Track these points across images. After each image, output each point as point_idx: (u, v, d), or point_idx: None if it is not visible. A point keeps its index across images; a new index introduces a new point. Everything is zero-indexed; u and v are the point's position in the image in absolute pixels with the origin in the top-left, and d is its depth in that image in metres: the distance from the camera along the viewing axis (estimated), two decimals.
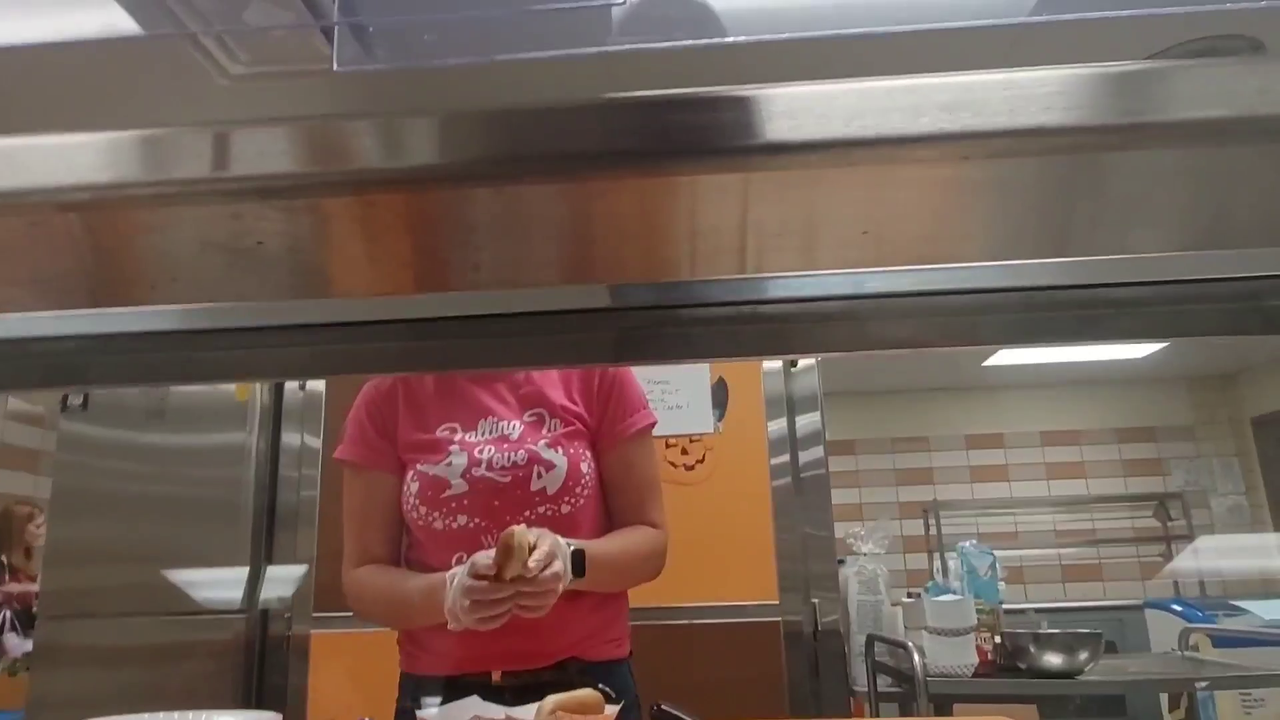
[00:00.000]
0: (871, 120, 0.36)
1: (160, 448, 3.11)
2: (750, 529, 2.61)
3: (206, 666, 2.92)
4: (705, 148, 0.36)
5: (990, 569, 2.99)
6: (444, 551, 1.39)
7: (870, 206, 0.46)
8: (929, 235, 0.51)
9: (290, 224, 0.48)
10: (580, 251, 0.47)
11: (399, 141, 0.43)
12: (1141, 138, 0.38)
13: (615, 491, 1.48)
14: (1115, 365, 6.01)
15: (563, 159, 0.37)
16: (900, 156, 0.37)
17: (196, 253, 0.51)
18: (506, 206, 0.41)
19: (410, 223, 0.48)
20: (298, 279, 0.54)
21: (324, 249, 0.48)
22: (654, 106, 0.36)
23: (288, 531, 3.02)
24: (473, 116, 0.38)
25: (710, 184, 0.39)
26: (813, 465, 2.70)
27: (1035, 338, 0.70)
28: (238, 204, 0.44)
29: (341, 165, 0.43)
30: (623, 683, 1.44)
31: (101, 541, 3.06)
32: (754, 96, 0.35)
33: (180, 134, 0.41)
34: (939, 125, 0.36)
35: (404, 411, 1.46)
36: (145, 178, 0.43)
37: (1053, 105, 0.36)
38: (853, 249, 0.47)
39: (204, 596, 2.99)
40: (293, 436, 3.08)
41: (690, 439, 2.66)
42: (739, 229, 0.44)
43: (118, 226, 0.48)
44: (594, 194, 0.39)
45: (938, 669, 2.35)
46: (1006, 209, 0.47)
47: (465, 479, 1.38)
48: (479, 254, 0.47)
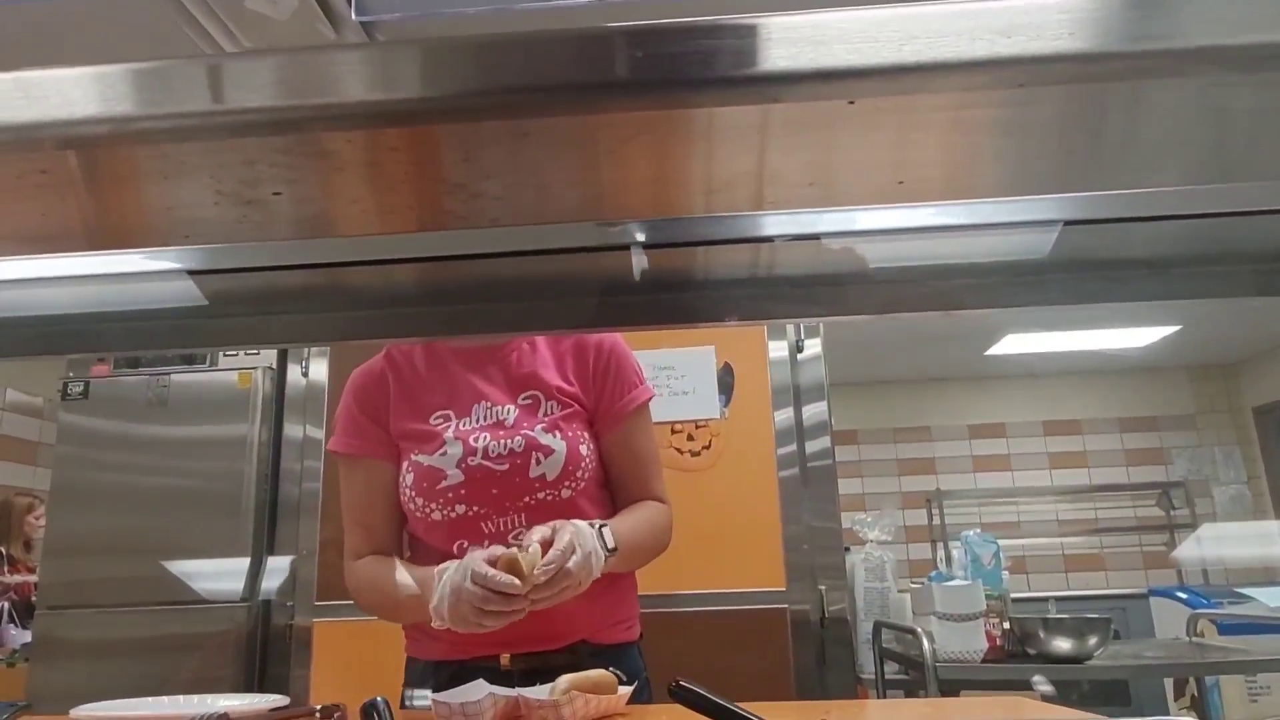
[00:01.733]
0: (924, 44, 0.34)
1: (161, 439, 3.09)
2: (757, 516, 2.60)
3: (209, 657, 2.90)
4: (758, 75, 0.34)
5: (994, 558, 2.97)
6: (444, 540, 1.37)
7: (904, 140, 0.44)
8: (964, 164, 0.49)
9: (299, 163, 0.45)
10: (623, 183, 0.45)
11: (399, 73, 0.40)
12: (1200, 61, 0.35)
13: (618, 469, 1.46)
14: (1117, 355, 6.00)
15: (600, 88, 0.35)
16: (953, 83, 0.35)
17: (210, 199, 0.49)
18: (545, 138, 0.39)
19: (414, 158, 0.46)
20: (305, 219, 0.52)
21: (331, 186, 0.46)
22: (699, 32, 0.34)
23: (289, 522, 3.00)
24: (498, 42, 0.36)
25: (763, 113, 0.36)
26: (819, 455, 2.69)
27: (1051, 301, 0.68)
28: (244, 137, 0.41)
29: (342, 97, 0.41)
30: (633, 665, 1.42)
31: (101, 533, 3.05)
32: (808, 22, 0.33)
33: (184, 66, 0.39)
34: (995, 50, 0.34)
35: (395, 397, 1.43)
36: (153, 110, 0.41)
37: (1114, 28, 0.34)
38: (888, 190, 0.45)
39: (206, 587, 2.98)
40: (295, 428, 3.06)
41: (696, 424, 2.65)
42: (803, 179, 0.42)
43: (131, 162, 0.46)
44: (645, 124, 0.37)
45: (947, 654, 2.34)
46: (1044, 139, 0.45)
47: (461, 469, 1.35)
48: (491, 186, 0.44)
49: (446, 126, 0.38)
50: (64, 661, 3.00)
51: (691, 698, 0.90)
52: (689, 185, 0.44)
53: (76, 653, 2.99)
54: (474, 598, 1.13)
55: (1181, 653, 2.88)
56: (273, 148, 0.41)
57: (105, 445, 3.12)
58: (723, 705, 0.89)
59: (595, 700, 1.14)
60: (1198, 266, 0.64)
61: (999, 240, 0.62)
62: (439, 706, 1.11)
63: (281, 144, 0.43)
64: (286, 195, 0.47)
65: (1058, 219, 0.51)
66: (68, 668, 2.99)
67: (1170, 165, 0.40)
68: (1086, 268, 0.65)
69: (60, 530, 3.11)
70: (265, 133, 0.40)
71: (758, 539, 2.58)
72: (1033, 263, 0.65)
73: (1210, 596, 4.29)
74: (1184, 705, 3.75)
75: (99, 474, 3.09)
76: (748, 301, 0.66)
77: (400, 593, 1.32)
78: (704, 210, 0.45)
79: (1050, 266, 0.65)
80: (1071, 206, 0.51)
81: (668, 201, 0.46)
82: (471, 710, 1.09)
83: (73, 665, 2.98)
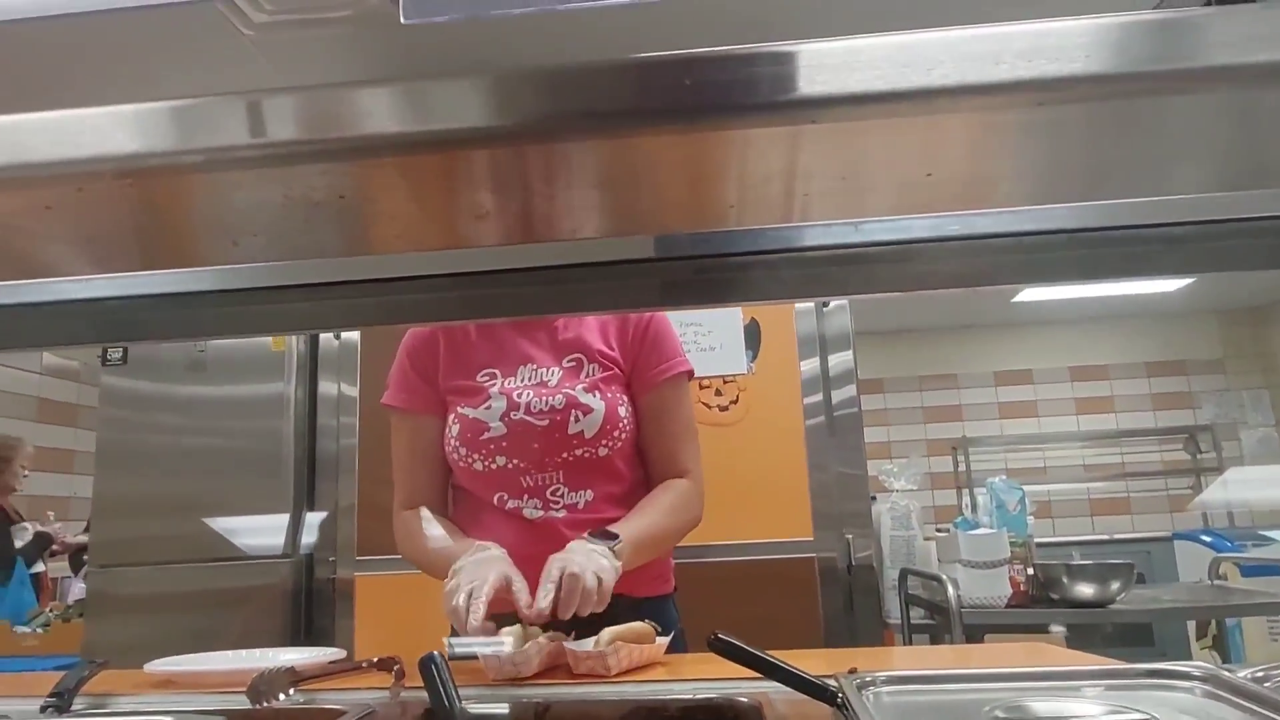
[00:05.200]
0: (951, 69, 0.37)
1: (200, 399, 3.17)
2: (784, 468, 2.65)
3: (255, 610, 3.01)
4: (796, 99, 0.37)
5: (1019, 504, 3.01)
6: (485, 490, 1.43)
7: (933, 151, 0.47)
8: (987, 177, 0.52)
9: (370, 180, 0.49)
10: (672, 198, 0.48)
11: (466, 102, 0.44)
12: (1210, 80, 0.38)
13: (649, 438, 1.50)
14: (1144, 299, 5.95)
15: (653, 113, 0.38)
16: (977, 104, 0.38)
17: (280, 207, 0.53)
18: (603, 157, 0.42)
19: (479, 178, 0.49)
20: (374, 233, 0.56)
21: (406, 203, 0.50)
22: (745, 60, 0.37)
23: (328, 479, 3.08)
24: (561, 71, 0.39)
25: (799, 134, 0.40)
26: (845, 404, 2.72)
27: (1073, 274, 0.71)
28: (324, 163, 0.45)
29: (423, 125, 0.44)
30: (668, 617, 1.48)
31: (147, 492, 3.14)
32: (843, 47, 0.36)
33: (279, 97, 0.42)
34: (1016, 73, 0.37)
35: (445, 357, 1.49)
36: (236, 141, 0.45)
37: (1129, 50, 0.37)
38: (920, 191, 0.48)
39: (248, 543, 3.07)
40: (329, 386, 3.13)
41: (724, 380, 2.68)
42: (836, 174, 0.45)
43: (206, 188, 0.50)
44: (697, 143, 0.41)
45: (971, 600, 2.39)
46: (1068, 151, 0.48)
47: (504, 421, 1.41)
48: (556, 205, 0.48)
49: (513, 149, 0.42)
50: (116, 616, 3.12)
51: (729, 649, 0.95)
52: (723, 193, 0.48)
53: (128, 607, 3.11)
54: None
55: (1204, 595, 2.92)
56: (327, 172, 0.45)
57: (146, 407, 3.21)
58: (759, 656, 0.94)
59: (637, 650, 1.20)
60: (1218, 241, 0.67)
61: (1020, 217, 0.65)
62: (488, 659, 1.18)
63: (341, 168, 0.47)
64: (341, 217, 0.51)
65: (1077, 227, 0.54)
66: (120, 622, 3.10)
67: (1183, 173, 0.43)
68: (1110, 243, 0.67)
69: (108, 490, 3.21)
70: (314, 160, 0.43)
71: (785, 490, 2.63)
72: (1060, 237, 0.67)
73: (1234, 539, 4.31)
74: (1205, 645, 3.81)
75: (142, 435, 3.18)
76: (780, 282, 0.69)
77: (429, 557, 1.41)
78: (747, 213, 0.49)
79: (1075, 243, 0.68)
80: (1090, 214, 0.54)
81: (706, 212, 0.50)
82: (519, 659, 1.16)
83: (125, 620, 3.10)
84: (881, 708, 0.89)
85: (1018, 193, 0.48)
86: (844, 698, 0.88)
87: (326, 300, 0.78)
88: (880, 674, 0.98)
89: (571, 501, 1.41)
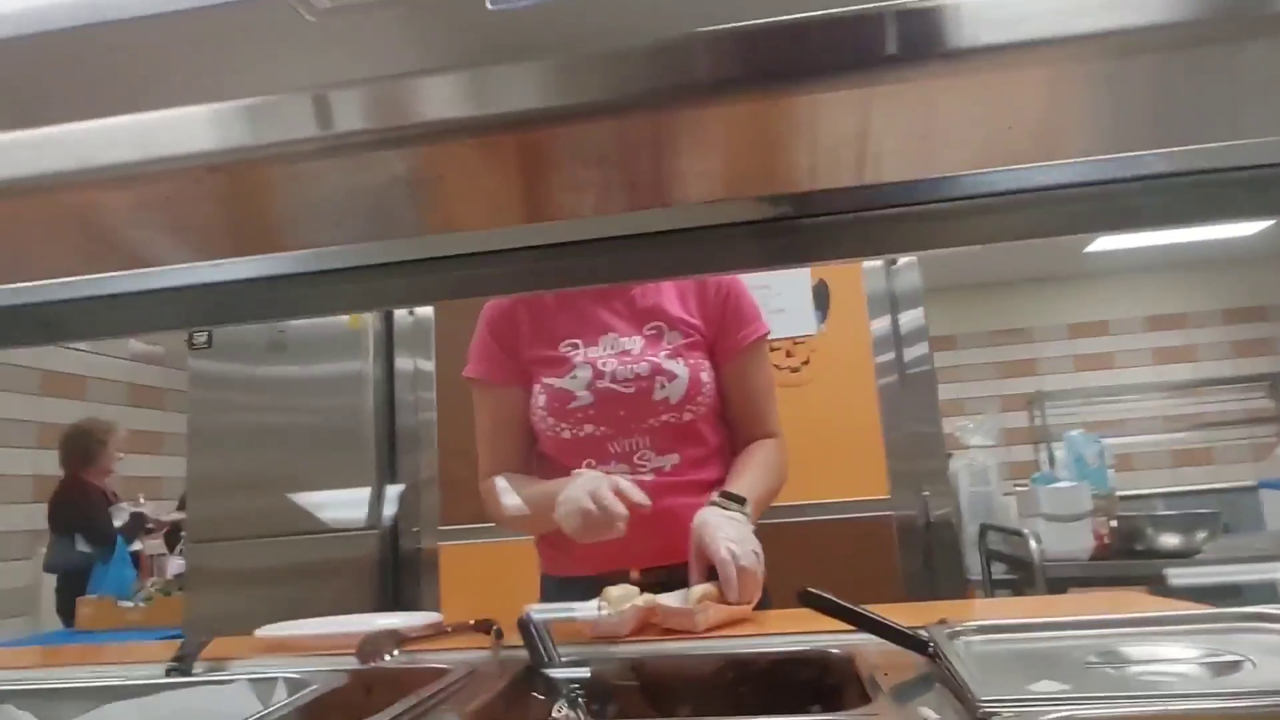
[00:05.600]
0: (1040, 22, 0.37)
1: (283, 379, 3.28)
2: (858, 427, 2.63)
3: (345, 581, 3.12)
4: (888, 57, 0.38)
5: (1098, 457, 2.96)
6: (572, 458, 1.47)
7: (1016, 103, 0.47)
8: (1064, 127, 0.52)
9: (469, 159, 0.51)
10: (766, 160, 0.50)
11: (567, 79, 0.45)
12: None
13: (733, 402, 1.52)
14: (1222, 244, 5.72)
15: (761, 75, 0.39)
16: (1067, 55, 0.38)
17: (385, 187, 0.55)
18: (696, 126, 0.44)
19: (576, 152, 0.51)
20: (475, 209, 0.58)
21: (503, 180, 0.52)
22: (844, 22, 0.38)
23: (407, 452, 3.17)
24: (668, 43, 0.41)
25: (893, 92, 0.41)
26: (918, 361, 2.69)
27: (1150, 221, 0.69)
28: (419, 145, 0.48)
29: (506, 106, 0.46)
30: None
31: (237, 470, 3.27)
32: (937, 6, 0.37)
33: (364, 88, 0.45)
34: (1100, 23, 0.37)
35: (526, 328, 1.52)
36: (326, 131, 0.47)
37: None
38: (999, 145, 0.48)
39: (333, 516, 3.19)
40: (405, 362, 3.22)
41: (794, 341, 2.68)
42: (916, 133, 0.46)
43: (309, 174, 0.53)
44: (803, 105, 0.42)
45: (1053, 554, 2.37)
46: (1147, 97, 0.48)
47: (590, 391, 1.44)
48: (645, 176, 0.50)
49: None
50: (214, 589, 3.27)
51: (820, 602, 0.97)
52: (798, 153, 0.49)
53: (224, 581, 3.25)
54: (604, 499, 1.25)
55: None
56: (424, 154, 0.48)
57: (232, 388, 3.33)
58: (850, 608, 0.96)
59: (725, 609, 1.22)
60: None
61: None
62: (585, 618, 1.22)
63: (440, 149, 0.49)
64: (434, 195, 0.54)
65: (1153, 173, 0.54)
66: (218, 595, 3.25)
67: (1261, 116, 0.43)
68: (1188, 187, 0.66)
69: (200, 469, 3.35)
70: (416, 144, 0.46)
71: (860, 450, 2.62)
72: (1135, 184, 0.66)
73: None
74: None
75: (229, 416, 3.31)
76: (854, 240, 0.70)
77: (524, 510, 1.43)
78: (821, 175, 0.50)
79: (1152, 189, 0.67)
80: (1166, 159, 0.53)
81: (782, 175, 0.51)
82: (616, 620, 1.19)
83: (222, 593, 3.25)
84: (974, 655, 0.90)
85: (1095, 142, 0.47)
86: (936, 647, 0.89)
87: (409, 276, 0.80)
88: (971, 623, 0.99)
89: (658, 465, 1.44)
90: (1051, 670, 0.82)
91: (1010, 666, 0.88)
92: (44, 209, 0.53)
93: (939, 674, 0.85)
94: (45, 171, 0.49)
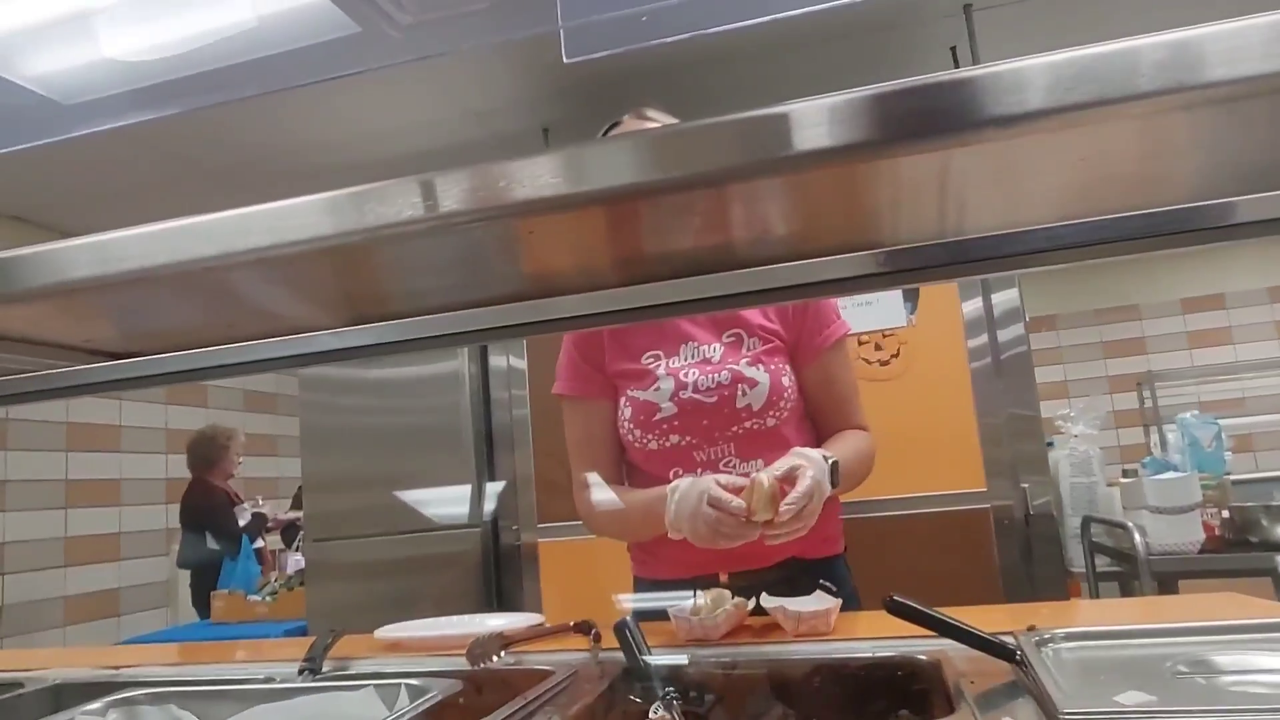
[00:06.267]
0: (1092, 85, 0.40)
1: (385, 380, 3.44)
2: (952, 417, 2.59)
3: (451, 576, 3.26)
4: (968, 121, 0.42)
5: (1215, 439, 2.85)
6: (660, 467, 1.51)
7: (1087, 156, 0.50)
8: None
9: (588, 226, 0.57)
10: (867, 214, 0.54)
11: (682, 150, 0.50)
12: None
13: (819, 402, 1.54)
14: None
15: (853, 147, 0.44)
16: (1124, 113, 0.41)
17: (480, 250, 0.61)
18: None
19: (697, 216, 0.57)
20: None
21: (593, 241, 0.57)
22: (916, 92, 0.42)
23: (504, 450, 3.28)
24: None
25: (965, 153, 0.44)
26: (1013, 344, 2.61)
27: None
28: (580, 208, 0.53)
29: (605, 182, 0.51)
30: (840, 576, 1.53)
31: (347, 470, 3.45)
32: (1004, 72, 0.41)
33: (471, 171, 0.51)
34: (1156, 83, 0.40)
35: (609, 342, 1.57)
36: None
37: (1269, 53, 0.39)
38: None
39: (437, 513, 3.32)
40: (499, 360, 3.32)
41: (883, 334, 2.66)
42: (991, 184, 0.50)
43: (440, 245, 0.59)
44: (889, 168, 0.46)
45: (1160, 547, 2.30)
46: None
47: (674, 401, 1.48)
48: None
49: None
50: (332, 583, 3.46)
51: (905, 610, 0.99)
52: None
53: (341, 575, 3.44)
54: (709, 519, 1.25)
55: None
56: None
57: (340, 391, 3.51)
58: (935, 616, 0.98)
59: (810, 617, 1.24)
60: None
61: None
62: (679, 621, 1.27)
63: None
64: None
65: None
66: (336, 589, 3.44)
67: None
68: None
69: (314, 470, 3.55)
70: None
71: (954, 440, 2.57)
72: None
73: None
74: None
75: (338, 418, 3.49)
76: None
77: (633, 512, 1.48)
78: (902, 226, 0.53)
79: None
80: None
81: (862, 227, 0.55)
82: (709, 623, 1.24)
83: (340, 586, 3.44)
84: (1061, 664, 0.91)
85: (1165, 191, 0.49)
86: (1023, 655, 0.90)
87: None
88: (1059, 630, 0.99)
89: (744, 471, 1.46)
90: (1140, 680, 0.83)
91: (1097, 676, 0.89)
92: (190, 284, 0.61)
93: (1026, 683, 0.87)
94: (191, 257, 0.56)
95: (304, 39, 0.82)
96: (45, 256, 0.61)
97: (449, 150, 4.04)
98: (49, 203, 4.38)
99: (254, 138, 3.84)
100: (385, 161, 4.11)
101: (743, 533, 1.25)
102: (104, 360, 0.93)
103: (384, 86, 3.49)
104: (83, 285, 0.61)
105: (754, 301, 0.74)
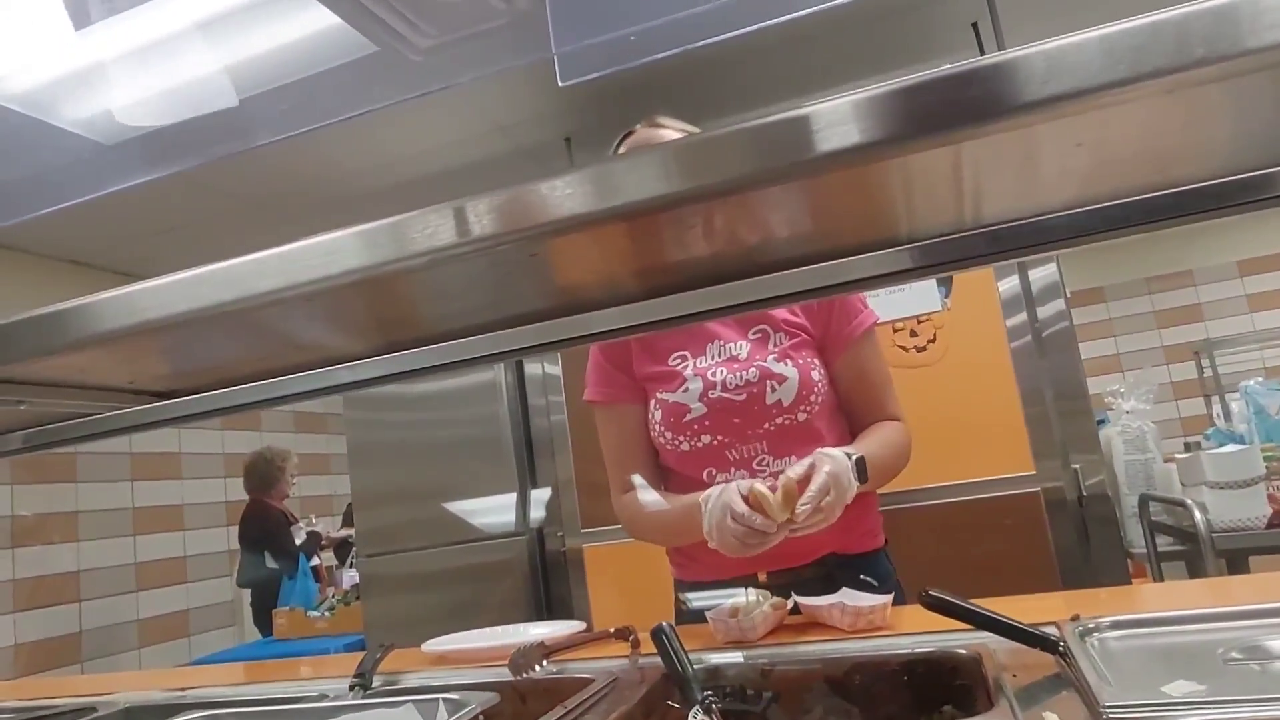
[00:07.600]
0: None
1: (428, 395, 3.48)
2: (994, 399, 2.51)
3: (501, 584, 3.28)
4: (998, 108, 0.42)
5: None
6: (693, 468, 1.49)
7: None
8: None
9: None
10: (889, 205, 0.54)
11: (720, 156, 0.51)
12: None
13: (851, 394, 1.51)
14: None
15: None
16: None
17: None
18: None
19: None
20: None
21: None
22: (948, 82, 0.42)
23: (545, 456, 3.30)
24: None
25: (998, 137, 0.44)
26: (1054, 320, 2.53)
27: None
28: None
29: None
30: (883, 570, 1.50)
31: (393, 485, 3.51)
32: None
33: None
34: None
35: (635, 347, 1.56)
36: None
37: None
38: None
39: (484, 523, 3.35)
40: (534, 367, 3.34)
41: (918, 320, 2.61)
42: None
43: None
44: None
45: (1223, 524, 2.21)
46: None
47: (703, 402, 1.47)
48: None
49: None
50: (387, 597, 3.52)
51: (943, 605, 0.97)
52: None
53: (395, 588, 3.49)
54: (735, 532, 1.24)
55: None
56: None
57: (383, 407, 3.56)
58: (974, 610, 0.95)
59: (862, 613, 1.22)
60: None
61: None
62: (716, 623, 1.25)
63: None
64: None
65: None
66: (391, 602, 3.50)
67: None
68: None
69: (363, 486, 3.61)
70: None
71: (998, 423, 2.50)
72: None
73: None
74: None
75: (382, 433, 3.55)
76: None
77: (672, 521, 1.46)
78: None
79: None
80: None
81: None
82: (747, 624, 1.22)
83: (394, 599, 3.49)
84: (1107, 654, 0.88)
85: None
86: (1065, 646, 0.88)
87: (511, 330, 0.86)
88: (1105, 619, 0.96)
89: (777, 469, 1.45)
90: (1188, 668, 0.79)
91: (1144, 665, 0.86)
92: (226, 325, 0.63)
93: (1068, 675, 0.84)
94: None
95: (332, 63, 0.85)
96: (87, 309, 0.66)
97: (476, 166, 4.10)
98: (104, 247, 4.53)
99: (293, 169, 3.95)
100: (418, 181, 4.19)
101: (766, 541, 1.24)
102: (150, 399, 0.97)
103: (413, 109, 3.53)
104: (121, 334, 0.65)
105: (783, 302, 0.73)
